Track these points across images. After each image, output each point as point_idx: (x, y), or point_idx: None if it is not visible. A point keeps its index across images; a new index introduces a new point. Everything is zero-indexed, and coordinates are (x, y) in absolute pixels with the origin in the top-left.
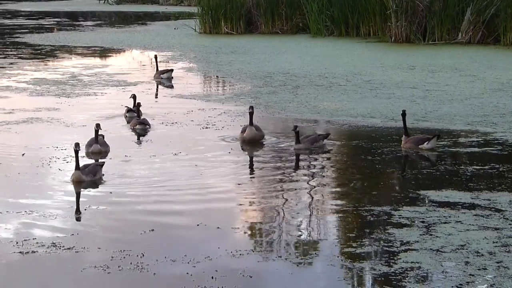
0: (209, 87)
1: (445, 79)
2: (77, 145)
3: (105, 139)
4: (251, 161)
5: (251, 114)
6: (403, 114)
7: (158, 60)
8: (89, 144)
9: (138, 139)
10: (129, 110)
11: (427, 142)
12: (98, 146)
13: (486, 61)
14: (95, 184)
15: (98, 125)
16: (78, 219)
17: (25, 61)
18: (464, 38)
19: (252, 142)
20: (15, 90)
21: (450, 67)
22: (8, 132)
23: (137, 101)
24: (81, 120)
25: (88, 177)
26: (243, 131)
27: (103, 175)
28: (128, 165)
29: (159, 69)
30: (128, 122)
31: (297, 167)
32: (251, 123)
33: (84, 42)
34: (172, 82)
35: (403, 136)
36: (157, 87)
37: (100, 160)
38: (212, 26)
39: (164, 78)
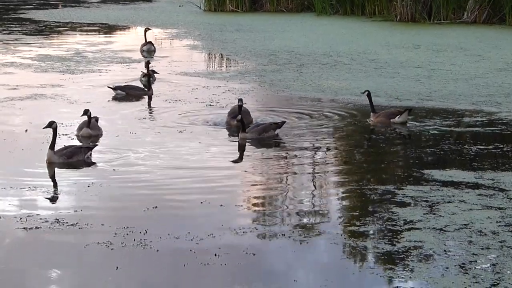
0: (213, 64)
1: (450, 58)
2: (51, 123)
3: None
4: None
5: (240, 106)
6: (369, 94)
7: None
8: (80, 128)
9: (141, 107)
10: (144, 75)
11: (398, 116)
12: (89, 130)
13: (491, 41)
14: (97, 161)
15: (88, 110)
16: (81, 195)
17: (30, 37)
18: (469, 18)
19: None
20: (19, 66)
21: (455, 46)
22: (12, 108)
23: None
24: (85, 96)
25: (60, 159)
26: (231, 113)
27: (89, 156)
28: (132, 142)
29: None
30: (144, 86)
31: (301, 146)
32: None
33: (89, 18)
34: (154, 56)
35: (371, 113)
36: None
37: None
38: (217, 4)
39: (145, 51)
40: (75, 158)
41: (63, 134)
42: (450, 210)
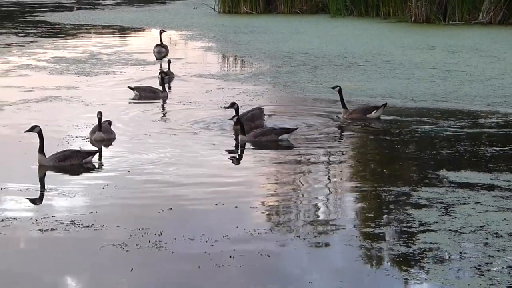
0: (227, 66)
1: (465, 59)
2: (34, 127)
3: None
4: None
5: (236, 110)
6: (340, 90)
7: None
8: (92, 131)
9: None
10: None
11: (375, 111)
12: (101, 134)
13: (507, 42)
14: (112, 162)
15: (100, 113)
16: (96, 197)
17: (45, 40)
18: (485, 19)
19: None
20: (35, 68)
21: (470, 47)
22: (28, 110)
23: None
24: (100, 99)
25: (51, 162)
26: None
27: (89, 161)
28: (147, 143)
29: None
30: (160, 85)
31: (315, 148)
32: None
33: (104, 21)
34: (168, 57)
35: (342, 109)
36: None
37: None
38: (231, 6)
39: (156, 52)
40: (68, 162)
41: (77, 137)
42: (465, 212)
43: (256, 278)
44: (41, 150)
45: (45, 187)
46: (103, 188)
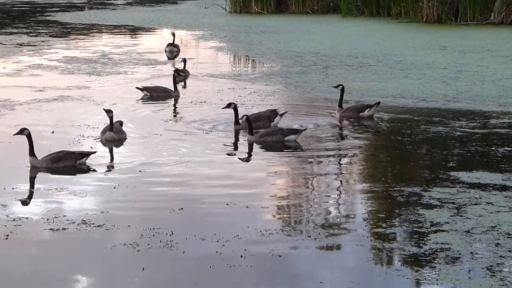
0: (239, 66)
1: (477, 60)
2: (23, 130)
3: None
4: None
5: (234, 110)
6: (342, 89)
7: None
8: (103, 131)
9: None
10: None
11: (368, 109)
12: (112, 134)
13: None
14: (123, 162)
15: (110, 111)
16: (108, 197)
17: (56, 40)
18: (496, 19)
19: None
20: (46, 68)
21: (482, 48)
22: (39, 110)
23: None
24: (111, 98)
25: (44, 164)
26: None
27: (83, 163)
28: (158, 144)
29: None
30: (173, 83)
31: (324, 149)
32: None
33: (115, 20)
34: (179, 57)
35: (337, 107)
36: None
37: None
38: (242, 6)
39: (167, 51)
40: (62, 163)
41: (88, 136)
42: (477, 212)
43: (267, 278)
44: (32, 152)
45: (56, 187)
46: (114, 188)
